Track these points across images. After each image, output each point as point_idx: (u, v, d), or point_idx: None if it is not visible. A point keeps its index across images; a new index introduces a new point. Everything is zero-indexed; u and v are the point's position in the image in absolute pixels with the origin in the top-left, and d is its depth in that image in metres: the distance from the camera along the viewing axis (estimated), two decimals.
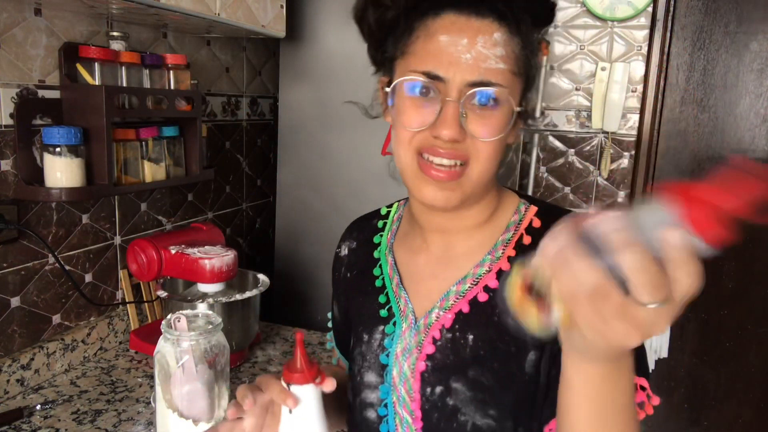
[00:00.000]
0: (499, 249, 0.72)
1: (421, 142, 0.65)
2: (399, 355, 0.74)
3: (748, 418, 2.28)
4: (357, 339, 0.80)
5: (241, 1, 1.36)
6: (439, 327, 0.72)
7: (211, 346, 0.89)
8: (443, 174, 0.65)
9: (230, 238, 1.86)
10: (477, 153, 0.65)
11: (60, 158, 1.12)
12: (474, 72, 0.63)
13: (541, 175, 2.29)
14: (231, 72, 1.78)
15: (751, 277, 2.21)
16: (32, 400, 1.15)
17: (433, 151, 0.65)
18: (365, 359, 0.78)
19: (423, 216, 0.75)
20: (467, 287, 0.72)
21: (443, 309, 0.72)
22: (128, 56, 1.26)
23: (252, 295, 1.30)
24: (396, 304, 0.76)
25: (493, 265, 0.72)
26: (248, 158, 1.91)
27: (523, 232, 0.73)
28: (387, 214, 0.87)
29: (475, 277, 0.72)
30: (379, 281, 0.80)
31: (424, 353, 0.72)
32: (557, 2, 0.69)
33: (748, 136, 2.14)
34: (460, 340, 0.71)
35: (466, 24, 0.63)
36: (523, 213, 0.75)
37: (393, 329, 0.75)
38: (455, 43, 0.62)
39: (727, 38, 2.11)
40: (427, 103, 0.64)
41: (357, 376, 0.78)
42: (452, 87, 0.63)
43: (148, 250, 1.28)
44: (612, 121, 2.15)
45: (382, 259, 0.82)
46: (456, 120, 0.63)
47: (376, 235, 0.85)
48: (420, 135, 0.65)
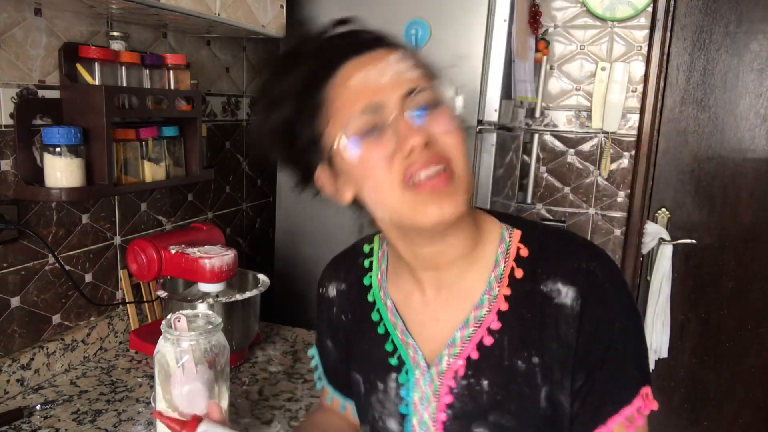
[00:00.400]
0: (494, 287, 0.72)
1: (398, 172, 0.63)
2: (417, 404, 0.74)
3: (748, 418, 2.28)
4: (371, 386, 0.79)
5: (241, 1, 1.36)
6: (452, 375, 0.72)
7: (211, 346, 0.89)
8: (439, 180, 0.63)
9: (230, 238, 1.86)
10: (452, 148, 0.64)
11: (60, 158, 1.12)
12: (402, 85, 0.64)
13: (541, 175, 2.29)
14: (231, 72, 1.78)
15: (751, 277, 2.21)
16: (32, 400, 1.15)
17: (415, 167, 0.62)
18: (384, 407, 0.78)
19: (410, 253, 0.73)
20: (471, 332, 0.72)
21: (452, 356, 0.72)
22: (128, 56, 1.26)
23: (252, 295, 1.30)
24: (405, 352, 0.76)
25: (492, 305, 0.71)
26: (248, 158, 1.91)
27: (513, 265, 0.72)
28: (371, 251, 0.85)
29: (477, 320, 0.72)
30: (381, 328, 0.79)
31: (443, 403, 0.72)
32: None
33: (748, 136, 2.14)
34: (476, 386, 0.71)
35: (369, 58, 0.65)
36: (508, 241, 0.73)
37: (407, 378, 0.75)
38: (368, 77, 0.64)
39: (727, 38, 2.11)
40: (380, 138, 0.63)
41: (378, 422, 0.79)
42: (392, 107, 0.63)
43: (148, 250, 1.28)
44: (612, 121, 2.15)
45: (378, 303, 0.80)
46: (414, 128, 0.63)
47: (366, 276, 0.83)
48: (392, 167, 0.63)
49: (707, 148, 2.18)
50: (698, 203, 2.22)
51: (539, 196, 2.30)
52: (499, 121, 1.65)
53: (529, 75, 1.87)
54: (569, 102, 2.23)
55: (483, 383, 0.71)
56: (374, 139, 0.64)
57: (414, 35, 1.60)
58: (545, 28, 2.19)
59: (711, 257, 2.24)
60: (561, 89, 2.23)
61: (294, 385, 1.27)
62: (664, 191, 2.24)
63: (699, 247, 2.24)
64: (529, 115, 2.25)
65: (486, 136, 1.64)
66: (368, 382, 0.80)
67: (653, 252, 2.25)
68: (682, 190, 2.23)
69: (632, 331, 0.70)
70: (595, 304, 0.67)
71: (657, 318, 2.21)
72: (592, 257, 0.70)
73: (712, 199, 2.20)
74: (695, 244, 2.23)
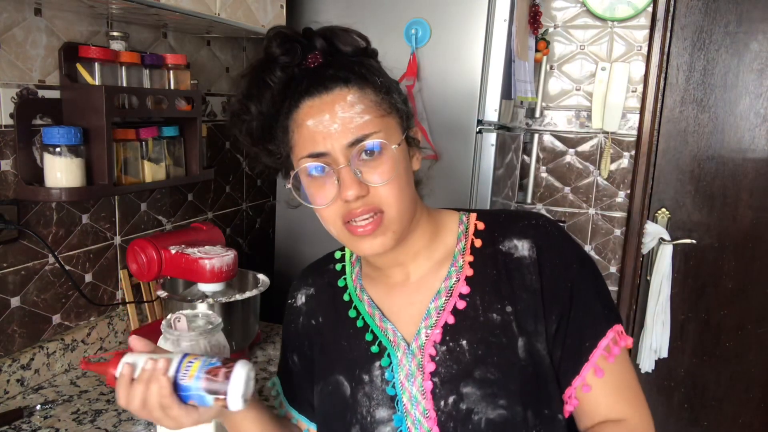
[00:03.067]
0: (459, 259, 0.80)
1: (339, 212, 0.73)
2: (404, 382, 0.77)
3: (748, 418, 2.28)
4: (357, 382, 0.80)
5: (241, 1, 1.36)
6: (432, 344, 0.77)
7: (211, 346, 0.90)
8: (369, 227, 0.72)
9: (230, 238, 1.86)
10: (386, 198, 0.72)
11: (60, 158, 1.12)
12: (347, 135, 0.70)
13: (541, 175, 2.29)
14: (231, 72, 1.78)
15: (751, 277, 2.21)
16: (32, 400, 1.15)
17: (350, 214, 0.72)
18: (372, 398, 0.79)
19: (372, 258, 0.81)
20: (444, 300, 0.78)
21: (429, 327, 0.78)
22: (128, 56, 1.26)
23: (252, 295, 1.30)
24: (385, 337, 0.80)
25: (459, 274, 0.79)
26: (248, 158, 1.91)
27: (473, 238, 0.80)
28: (342, 257, 0.91)
29: (448, 289, 0.78)
30: (359, 321, 0.82)
31: (427, 372, 0.76)
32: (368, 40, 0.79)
33: (748, 136, 2.14)
34: (456, 348, 0.76)
35: (321, 102, 0.71)
36: (466, 222, 0.83)
37: (389, 360, 0.79)
38: (321, 122, 0.71)
39: (727, 38, 2.11)
40: (326, 179, 0.72)
41: (366, 417, 0.79)
42: (337, 155, 0.70)
43: (148, 250, 1.28)
44: (612, 121, 2.15)
45: (354, 300, 0.85)
46: (353, 180, 0.70)
47: (339, 278, 0.88)
48: (335, 206, 0.72)
49: (707, 148, 2.18)
50: (698, 203, 2.22)
51: (539, 196, 2.30)
52: (499, 121, 1.65)
53: (528, 75, 1.87)
54: (569, 102, 2.23)
55: (462, 343, 0.75)
56: (321, 178, 0.73)
57: (414, 35, 1.60)
58: (545, 28, 2.18)
59: (711, 257, 2.24)
60: (561, 89, 2.23)
61: None
62: (664, 191, 2.24)
63: (699, 247, 2.24)
64: (529, 115, 2.25)
65: (486, 136, 1.64)
66: (353, 380, 0.81)
67: (653, 252, 2.25)
68: (682, 190, 2.23)
69: (590, 274, 0.78)
70: (549, 249, 0.77)
71: (657, 318, 2.22)
72: (540, 217, 0.81)
73: (712, 199, 2.20)
74: (695, 244, 2.23)
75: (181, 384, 0.71)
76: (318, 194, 0.74)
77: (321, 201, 0.73)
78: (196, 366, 0.72)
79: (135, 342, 0.79)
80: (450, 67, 1.61)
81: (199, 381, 0.71)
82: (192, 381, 0.71)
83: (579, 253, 0.79)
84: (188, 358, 0.73)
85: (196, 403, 0.72)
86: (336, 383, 0.82)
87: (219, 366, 0.71)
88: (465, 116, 1.61)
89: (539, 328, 0.75)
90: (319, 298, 0.88)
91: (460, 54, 1.60)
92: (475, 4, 1.57)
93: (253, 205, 1.97)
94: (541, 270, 0.76)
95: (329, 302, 0.87)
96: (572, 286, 0.76)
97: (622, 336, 0.77)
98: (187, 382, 0.71)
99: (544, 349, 0.74)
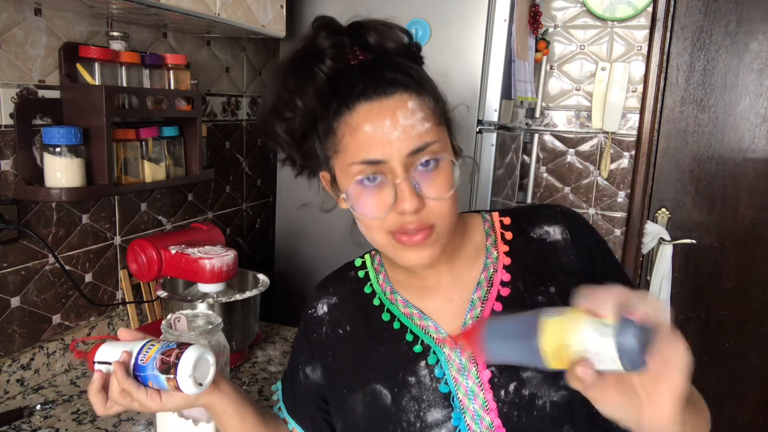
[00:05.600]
0: (492, 251, 0.80)
1: (390, 224, 0.69)
2: (457, 377, 0.74)
3: (748, 418, 2.28)
4: (400, 387, 0.76)
5: (241, 1, 1.36)
6: None
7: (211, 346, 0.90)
8: (418, 237, 0.69)
9: (230, 238, 1.86)
10: (440, 212, 0.69)
11: (60, 158, 1.12)
12: (408, 143, 0.67)
13: (541, 175, 2.29)
14: (231, 72, 1.78)
15: (751, 277, 2.21)
16: (32, 400, 1.15)
17: (403, 229, 0.69)
18: (421, 401, 0.74)
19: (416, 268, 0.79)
20: (486, 290, 0.77)
21: (475, 317, 0.76)
22: (128, 56, 1.26)
23: (252, 295, 1.30)
24: (426, 335, 0.77)
25: (496, 265, 0.79)
26: (248, 158, 1.91)
27: (501, 231, 0.82)
28: (363, 264, 0.88)
29: (488, 279, 0.78)
30: (396, 323, 0.79)
31: (481, 363, 0.73)
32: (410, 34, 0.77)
33: (748, 136, 2.14)
34: None
35: (381, 107, 0.67)
36: (491, 219, 0.83)
37: (436, 358, 0.75)
38: (381, 128, 0.67)
39: (727, 38, 2.11)
40: (379, 188, 0.69)
41: (416, 423, 0.74)
42: (395, 164, 0.67)
43: (148, 250, 1.28)
44: (612, 121, 2.15)
45: (386, 303, 0.81)
46: (412, 193, 0.67)
47: (365, 285, 0.84)
48: (387, 218, 0.69)
49: (707, 148, 2.18)
50: (698, 203, 2.22)
51: (539, 196, 2.30)
52: (499, 121, 1.65)
53: (528, 75, 1.87)
54: (569, 102, 2.23)
55: None
56: (375, 187, 0.69)
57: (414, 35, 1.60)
58: (545, 28, 2.18)
59: (711, 257, 2.24)
60: (561, 89, 2.23)
61: None
62: (664, 191, 2.24)
63: (699, 247, 2.24)
64: (529, 115, 2.25)
65: (486, 136, 1.64)
66: (395, 385, 0.76)
67: (653, 252, 2.25)
68: (682, 190, 2.23)
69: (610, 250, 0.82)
70: (579, 231, 0.80)
71: None
72: (560, 205, 0.84)
73: (712, 199, 2.20)
74: (695, 244, 2.23)
75: (139, 365, 0.73)
76: (370, 204, 0.70)
77: (373, 212, 0.70)
78: (154, 349, 0.74)
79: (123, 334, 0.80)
80: (450, 67, 1.61)
81: (154, 362, 0.72)
82: (148, 362, 0.73)
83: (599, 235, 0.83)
84: (150, 342, 0.75)
85: (154, 385, 0.73)
86: (373, 393, 0.77)
87: (173, 348, 0.73)
88: (465, 116, 1.61)
89: None
90: (343, 307, 0.84)
91: (460, 54, 1.60)
92: (475, 4, 1.57)
93: (253, 205, 1.97)
94: (577, 251, 0.78)
95: (356, 310, 0.83)
96: (602, 262, 0.79)
97: None
98: (144, 363, 0.73)
99: None
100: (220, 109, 1.74)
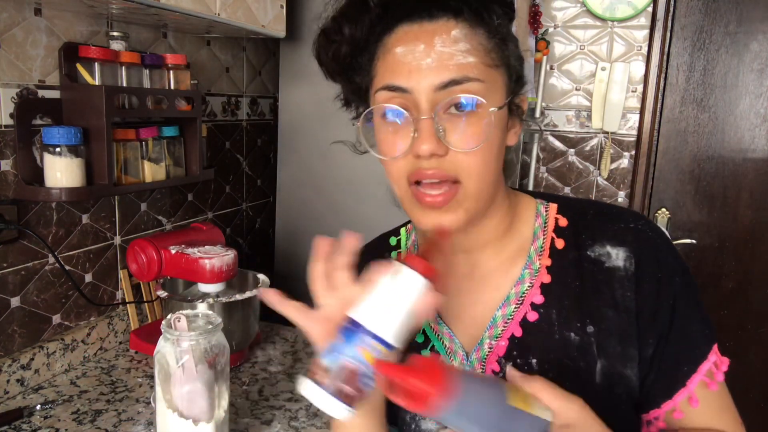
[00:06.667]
0: (534, 260, 0.68)
1: (407, 168, 0.61)
2: None
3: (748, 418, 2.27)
4: None
5: (241, 1, 1.36)
6: (495, 358, 0.67)
7: (211, 346, 0.90)
8: (439, 199, 0.60)
9: (230, 238, 1.86)
10: (467, 167, 0.59)
11: (60, 158, 1.12)
12: (440, 73, 0.58)
13: (541, 175, 2.29)
14: (231, 72, 1.78)
15: (751, 277, 2.21)
16: (32, 400, 1.15)
17: (419, 174, 0.60)
18: None
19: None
20: (513, 309, 0.67)
21: (494, 338, 0.67)
22: (128, 56, 1.26)
23: (252, 295, 1.30)
24: (438, 342, 0.71)
25: (534, 279, 0.68)
26: (248, 158, 1.91)
27: (553, 236, 0.69)
28: (398, 243, 0.80)
29: (519, 296, 0.67)
30: None
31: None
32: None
33: (748, 136, 2.14)
34: (524, 366, 0.65)
35: (420, 30, 0.59)
36: (545, 214, 0.71)
37: None
38: (412, 52, 0.59)
39: (727, 38, 2.11)
40: (402, 127, 0.60)
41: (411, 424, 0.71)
42: (420, 97, 0.59)
43: (148, 250, 1.28)
44: (612, 121, 2.15)
45: None
46: (431, 133, 0.58)
47: None
48: (404, 161, 0.61)
49: (707, 148, 2.18)
50: (698, 203, 2.22)
51: None
52: None
53: (529, 75, 1.87)
54: (569, 102, 2.23)
55: (532, 362, 0.65)
56: (397, 123, 0.60)
57: None
58: (545, 28, 2.18)
59: (711, 257, 2.23)
60: (561, 89, 2.23)
61: (294, 385, 1.27)
62: (664, 191, 2.24)
63: (699, 247, 2.23)
64: (529, 115, 2.25)
65: None
66: None
67: None
68: (682, 190, 2.23)
69: (691, 286, 0.66)
70: (651, 261, 0.64)
71: None
72: (637, 217, 0.67)
73: (712, 199, 2.20)
74: (695, 244, 2.22)
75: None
76: (388, 141, 0.61)
77: (389, 150, 0.61)
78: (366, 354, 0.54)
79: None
80: None
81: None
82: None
83: (681, 264, 0.66)
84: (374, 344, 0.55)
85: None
86: None
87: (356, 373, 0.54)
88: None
89: (630, 353, 0.63)
90: None
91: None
92: None
93: (253, 205, 1.97)
94: (638, 287, 0.64)
95: None
96: (674, 303, 0.64)
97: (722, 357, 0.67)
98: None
99: (632, 374, 0.64)
100: (220, 109, 1.74)
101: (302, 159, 1.77)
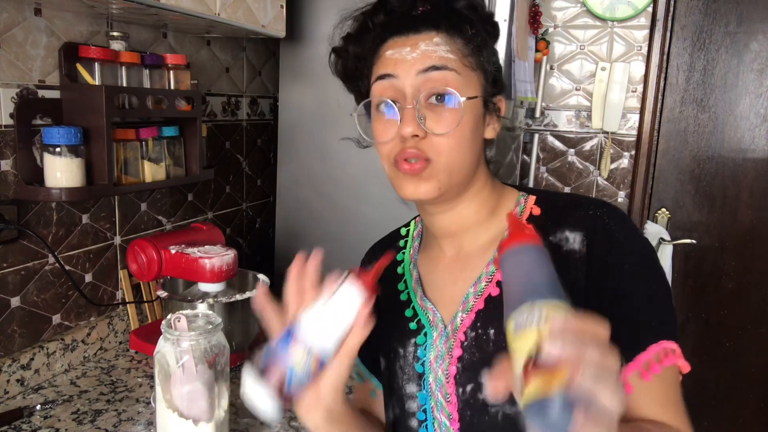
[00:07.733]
0: None
1: (394, 150, 0.72)
2: (433, 362, 0.77)
3: (748, 418, 2.28)
4: (395, 354, 0.82)
5: (241, 1, 1.36)
6: (464, 329, 0.75)
7: (211, 346, 0.90)
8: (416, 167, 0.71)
9: (230, 238, 1.86)
10: (438, 146, 0.70)
11: (60, 158, 1.12)
12: (423, 60, 0.70)
13: (541, 175, 2.29)
14: (231, 72, 1.78)
15: (751, 277, 2.21)
16: (32, 400, 1.15)
17: (403, 153, 0.71)
18: (404, 372, 0.80)
19: (429, 219, 0.81)
20: (483, 286, 0.76)
21: (466, 311, 0.76)
22: (128, 56, 1.26)
23: (252, 295, 1.30)
24: (424, 316, 0.80)
25: None
26: (248, 158, 1.91)
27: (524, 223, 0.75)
28: (407, 233, 0.92)
29: (489, 274, 0.76)
30: (404, 295, 0.84)
31: (454, 357, 0.75)
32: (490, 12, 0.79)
33: (748, 136, 2.14)
34: (482, 336, 0.74)
35: (407, 39, 0.72)
36: (523, 205, 0.79)
37: (424, 339, 0.79)
38: (399, 51, 0.72)
39: (727, 38, 2.11)
40: (391, 119, 0.72)
41: (401, 389, 0.81)
42: (406, 83, 0.71)
43: (148, 250, 1.28)
44: (612, 121, 2.15)
45: (406, 274, 0.86)
46: (413, 118, 0.69)
47: (399, 253, 0.89)
48: (392, 144, 0.72)
49: (707, 148, 2.18)
50: (698, 203, 2.22)
51: None
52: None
53: (529, 75, 1.87)
54: (569, 102, 2.23)
55: (489, 332, 0.73)
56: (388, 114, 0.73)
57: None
58: (545, 28, 2.19)
59: (711, 257, 2.24)
60: (561, 89, 2.23)
61: None
62: (664, 191, 2.24)
63: (699, 247, 2.24)
64: (529, 115, 2.25)
65: None
66: (392, 350, 0.82)
67: None
68: (682, 190, 2.23)
69: (644, 276, 0.69)
70: (602, 245, 0.70)
71: None
72: (601, 205, 0.74)
73: (712, 199, 2.20)
74: (695, 244, 2.23)
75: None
76: (380, 129, 0.74)
77: (381, 137, 0.74)
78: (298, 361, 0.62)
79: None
80: None
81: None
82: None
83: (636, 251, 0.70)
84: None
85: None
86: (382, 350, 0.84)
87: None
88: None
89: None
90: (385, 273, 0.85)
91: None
92: None
93: (253, 205, 1.97)
94: (588, 268, 0.69)
95: (389, 275, 0.86)
96: (618, 288, 0.68)
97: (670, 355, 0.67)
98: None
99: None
100: (220, 109, 1.74)
101: (302, 159, 1.77)
